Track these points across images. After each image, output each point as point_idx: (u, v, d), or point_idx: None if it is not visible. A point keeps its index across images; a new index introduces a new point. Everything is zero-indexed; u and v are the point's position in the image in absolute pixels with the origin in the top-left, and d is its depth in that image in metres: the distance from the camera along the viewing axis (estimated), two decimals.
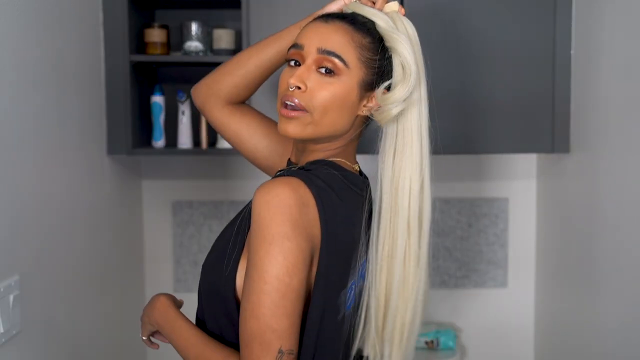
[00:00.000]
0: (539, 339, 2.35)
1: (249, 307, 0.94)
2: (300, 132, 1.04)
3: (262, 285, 0.93)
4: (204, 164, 2.37)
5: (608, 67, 1.76)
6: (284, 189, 0.95)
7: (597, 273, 1.83)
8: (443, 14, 1.97)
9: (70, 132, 1.69)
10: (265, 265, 0.93)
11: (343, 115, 1.05)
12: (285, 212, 0.94)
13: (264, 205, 0.94)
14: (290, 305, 0.93)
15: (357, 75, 1.04)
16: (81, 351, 1.75)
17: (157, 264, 2.38)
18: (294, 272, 0.94)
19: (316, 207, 0.98)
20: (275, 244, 0.93)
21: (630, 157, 1.63)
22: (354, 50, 1.03)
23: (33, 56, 1.47)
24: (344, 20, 1.06)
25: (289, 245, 0.93)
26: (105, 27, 1.95)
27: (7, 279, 1.33)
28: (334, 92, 1.03)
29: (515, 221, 2.38)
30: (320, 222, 0.98)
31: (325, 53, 1.02)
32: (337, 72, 1.03)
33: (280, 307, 0.93)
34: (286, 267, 0.93)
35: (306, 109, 1.03)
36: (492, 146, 2.02)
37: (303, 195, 0.97)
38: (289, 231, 0.93)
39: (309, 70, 1.03)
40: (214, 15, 2.21)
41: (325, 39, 1.03)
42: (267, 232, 0.93)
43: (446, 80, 1.98)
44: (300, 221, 0.95)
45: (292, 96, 1.03)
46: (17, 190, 1.38)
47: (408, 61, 1.04)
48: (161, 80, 2.27)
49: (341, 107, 1.04)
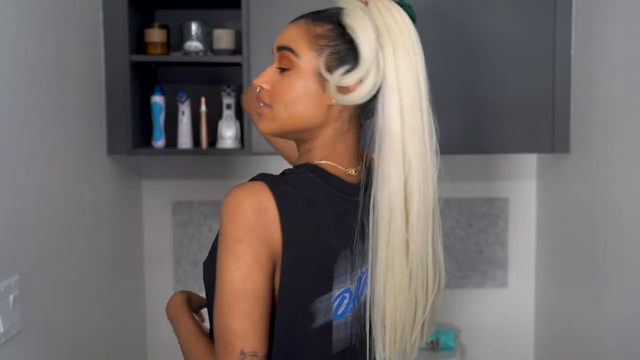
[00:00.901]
0: (539, 339, 2.35)
1: (215, 308, 0.97)
2: (267, 127, 1.07)
3: (220, 287, 0.95)
4: (204, 164, 2.37)
5: (608, 67, 1.76)
6: (242, 193, 0.96)
7: (597, 273, 1.83)
8: (443, 14, 1.97)
9: (70, 132, 1.69)
10: (223, 267, 0.95)
11: (307, 106, 1.04)
12: (239, 216, 0.95)
13: (224, 209, 0.97)
14: (248, 308, 0.94)
15: (312, 64, 1.04)
16: (81, 351, 1.75)
17: (157, 264, 2.38)
18: (247, 275, 0.94)
19: (277, 211, 0.97)
20: (230, 248, 0.95)
21: (631, 157, 1.63)
22: (306, 40, 1.04)
23: (33, 56, 1.47)
24: (307, 16, 1.09)
25: (241, 248, 0.95)
26: (105, 27, 1.95)
27: (7, 279, 1.32)
28: (289, 84, 1.04)
29: (515, 221, 2.38)
30: (280, 227, 0.97)
31: (280, 49, 1.06)
32: (291, 65, 1.04)
33: (236, 308, 0.94)
34: (239, 270, 0.94)
35: (270, 104, 1.06)
36: (493, 146, 2.02)
37: (262, 200, 0.96)
38: (242, 235, 0.95)
39: (274, 70, 1.07)
40: (214, 15, 2.21)
41: (282, 36, 1.08)
42: (224, 236, 0.96)
43: (446, 80, 1.98)
44: (255, 226, 0.95)
45: (260, 96, 1.08)
46: (17, 190, 1.38)
47: (361, 43, 1.01)
48: (161, 80, 2.27)
49: (302, 98, 1.04)
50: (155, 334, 2.38)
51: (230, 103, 2.12)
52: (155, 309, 2.38)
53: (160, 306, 2.39)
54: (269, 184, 0.98)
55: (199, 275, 2.37)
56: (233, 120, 2.11)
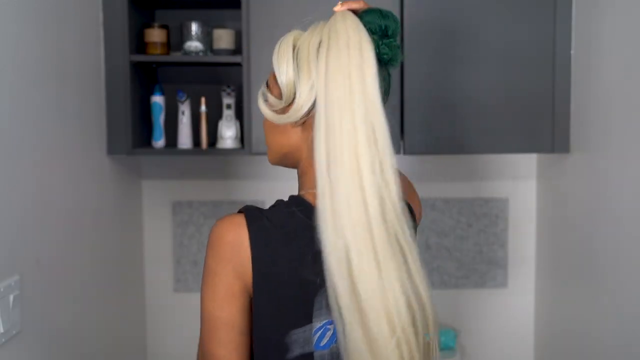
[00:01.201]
0: (539, 339, 2.35)
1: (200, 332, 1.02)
2: (269, 158, 1.13)
3: (201, 313, 1.01)
4: (204, 164, 2.37)
5: (608, 67, 1.76)
6: (223, 226, 1.00)
7: (597, 273, 1.83)
8: (443, 14, 1.97)
9: (70, 132, 1.69)
10: (202, 295, 1.01)
11: (273, 133, 1.09)
12: (217, 248, 0.99)
13: (209, 239, 1.01)
14: (223, 336, 0.99)
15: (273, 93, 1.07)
16: (81, 351, 1.75)
17: (157, 264, 2.38)
18: (222, 305, 0.99)
19: (249, 247, 0.99)
20: (208, 277, 1.00)
21: (630, 157, 1.63)
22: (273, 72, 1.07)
23: (33, 56, 1.47)
24: None
25: (216, 280, 0.99)
26: (105, 27, 1.95)
27: (7, 279, 1.32)
28: (264, 117, 1.09)
29: (515, 221, 2.38)
30: (251, 263, 0.99)
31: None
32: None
33: (213, 336, 0.99)
34: (214, 301, 0.99)
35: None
36: (493, 146, 2.02)
37: (240, 234, 0.99)
38: (218, 267, 0.99)
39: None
40: (214, 15, 2.21)
41: None
42: (205, 265, 1.01)
43: (445, 81, 1.98)
44: (230, 258, 0.99)
45: None
46: (17, 190, 1.38)
47: (278, 72, 1.03)
48: (161, 80, 2.27)
49: (268, 128, 1.10)
50: (155, 334, 2.38)
51: (230, 103, 2.12)
52: (156, 309, 2.38)
53: (160, 306, 2.40)
54: (248, 218, 1.00)
55: (198, 275, 2.37)
56: (233, 120, 2.11)
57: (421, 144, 1.98)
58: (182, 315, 2.38)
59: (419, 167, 2.36)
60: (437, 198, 2.37)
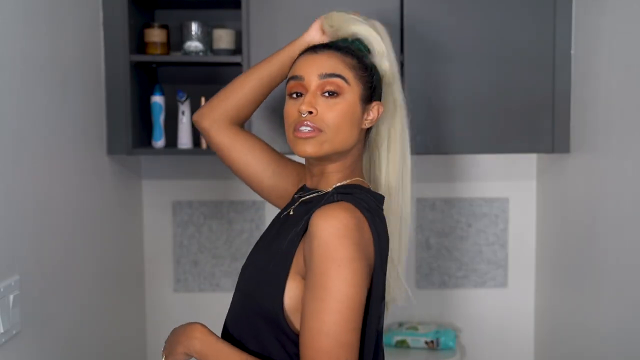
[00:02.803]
0: (539, 339, 2.35)
1: (316, 326, 1.02)
2: (317, 150, 1.14)
3: (334, 304, 1.02)
4: (204, 164, 2.37)
5: (608, 67, 1.76)
6: (346, 214, 1.05)
7: (597, 273, 1.83)
8: (443, 14, 1.97)
9: (70, 132, 1.69)
10: (337, 285, 1.02)
11: (353, 129, 1.16)
12: (350, 235, 1.04)
13: (330, 230, 1.04)
14: (357, 320, 1.04)
15: (357, 91, 1.17)
16: (81, 351, 1.75)
17: (157, 264, 2.38)
18: (361, 289, 1.04)
19: (369, 228, 1.09)
20: (345, 266, 1.02)
21: (631, 157, 1.63)
22: (348, 70, 1.16)
23: (33, 56, 1.47)
24: (331, 48, 1.19)
25: (356, 265, 1.03)
26: (105, 27, 1.95)
27: (7, 279, 1.33)
28: (342, 110, 1.14)
29: (515, 221, 2.38)
30: (373, 242, 1.09)
31: (328, 76, 1.15)
32: (341, 91, 1.15)
33: (350, 322, 1.02)
34: (355, 286, 1.03)
35: (320, 129, 1.13)
36: (493, 146, 2.02)
37: (360, 219, 1.07)
38: (355, 253, 1.03)
39: (315, 96, 1.15)
40: (214, 15, 2.21)
41: (323, 65, 1.16)
42: (336, 256, 1.02)
43: (445, 80, 1.98)
44: (361, 242, 1.05)
45: (305, 121, 1.14)
46: (17, 190, 1.38)
47: (387, 69, 1.26)
48: (161, 80, 2.27)
49: (350, 122, 1.15)
50: (155, 334, 2.38)
51: None
52: (156, 309, 2.38)
53: (160, 306, 2.40)
54: (355, 204, 1.10)
55: (198, 275, 2.37)
56: None
57: (421, 144, 1.98)
58: (182, 315, 2.37)
59: (419, 167, 2.35)
60: (437, 198, 2.37)
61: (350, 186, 1.17)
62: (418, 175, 2.40)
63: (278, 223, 1.23)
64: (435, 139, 2.00)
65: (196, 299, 2.38)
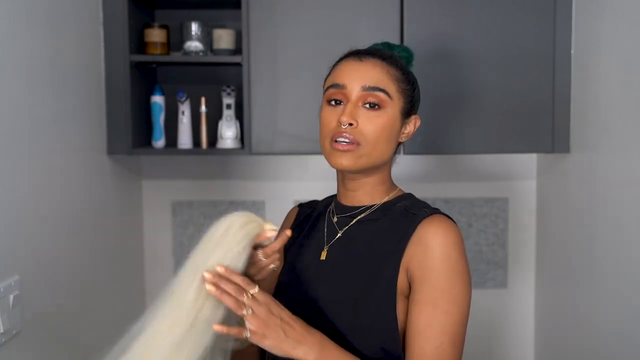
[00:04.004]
0: (539, 339, 2.35)
1: (446, 339, 1.05)
2: (354, 163, 1.11)
3: (459, 316, 1.09)
4: (204, 164, 2.37)
5: (608, 67, 1.76)
6: (456, 227, 1.10)
7: (597, 273, 1.83)
8: (443, 14, 1.97)
9: (70, 132, 1.69)
10: (462, 298, 1.09)
11: (390, 143, 1.15)
12: (463, 248, 1.10)
13: (454, 244, 1.08)
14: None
15: (399, 106, 1.14)
16: (81, 351, 1.75)
17: (157, 264, 2.38)
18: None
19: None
20: (467, 279, 1.09)
21: (630, 157, 1.63)
22: (392, 83, 1.13)
23: (33, 56, 1.47)
24: (376, 57, 1.15)
25: (470, 278, 1.11)
26: (105, 27, 1.95)
27: (7, 279, 1.33)
28: (383, 124, 1.12)
29: (515, 221, 2.38)
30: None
31: (370, 89, 1.11)
32: (382, 105, 1.12)
33: (463, 338, 1.11)
34: (470, 297, 1.11)
35: (359, 142, 1.11)
36: (492, 146, 2.02)
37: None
38: (468, 265, 1.11)
39: (356, 106, 1.11)
40: (214, 15, 2.21)
41: (367, 76, 1.12)
42: (459, 269, 1.07)
43: (445, 81, 1.98)
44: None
45: (344, 132, 1.11)
46: (17, 191, 1.38)
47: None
48: (161, 80, 2.27)
49: (389, 137, 1.13)
50: None
51: (230, 103, 2.12)
52: None
53: None
54: (448, 217, 1.12)
55: None
56: (233, 120, 2.11)
57: (421, 144, 1.98)
58: None
59: (419, 167, 2.36)
60: (437, 198, 2.37)
61: (413, 197, 1.20)
62: (418, 175, 2.41)
63: (336, 247, 1.17)
64: (435, 139, 2.00)
65: None
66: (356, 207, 1.19)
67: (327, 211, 1.25)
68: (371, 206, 1.18)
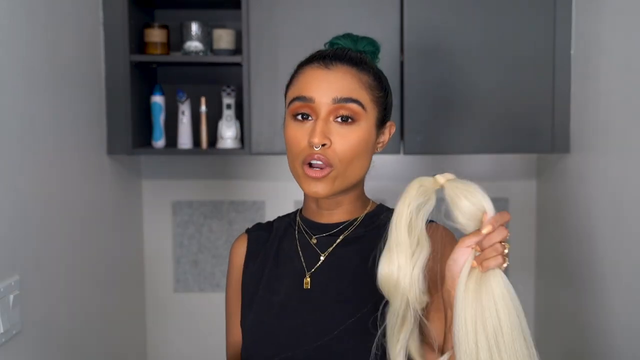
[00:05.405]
0: (539, 339, 2.35)
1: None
2: (330, 190, 1.01)
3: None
4: (204, 164, 2.37)
5: (608, 67, 1.76)
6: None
7: (597, 273, 1.83)
8: (443, 15, 1.97)
9: (70, 132, 1.69)
10: None
11: (367, 157, 1.04)
12: None
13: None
14: None
15: (373, 116, 1.03)
16: (81, 351, 1.75)
17: (157, 264, 2.38)
18: None
19: None
20: None
21: (630, 157, 1.63)
22: (365, 92, 1.02)
23: (33, 56, 1.47)
24: (345, 62, 1.03)
25: None
26: (105, 27, 1.95)
27: (7, 279, 1.33)
28: (357, 140, 1.00)
29: (515, 221, 2.38)
30: None
31: (342, 101, 0.99)
32: (356, 117, 1.00)
33: None
34: None
35: (332, 164, 1.00)
36: (492, 146, 2.02)
37: None
38: None
39: (327, 122, 1.00)
40: (214, 15, 2.21)
41: (337, 86, 1.00)
42: None
43: (445, 81, 1.98)
44: None
45: (316, 154, 0.99)
46: (17, 190, 1.38)
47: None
48: (161, 80, 2.27)
49: (364, 152, 1.02)
50: (155, 334, 2.38)
51: (230, 103, 2.12)
52: (156, 309, 2.38)
53: (160, 306, 2.40)
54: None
55: (199, 275, 2.37)
56: (233, 120, 2.11)
57: (421, 144, 1.98)
58: (182, 315, 2.38)
59: (419, 167, 2.36)
60: (437, 198, 2.37)
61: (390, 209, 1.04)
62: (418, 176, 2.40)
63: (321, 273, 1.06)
64: (435, 139, 2.00)
65: (196, 299, 2.38)
66: (337, 225, 1.08)
67: (295, 232, 1.13)
68: (353, 221, 1.09)
